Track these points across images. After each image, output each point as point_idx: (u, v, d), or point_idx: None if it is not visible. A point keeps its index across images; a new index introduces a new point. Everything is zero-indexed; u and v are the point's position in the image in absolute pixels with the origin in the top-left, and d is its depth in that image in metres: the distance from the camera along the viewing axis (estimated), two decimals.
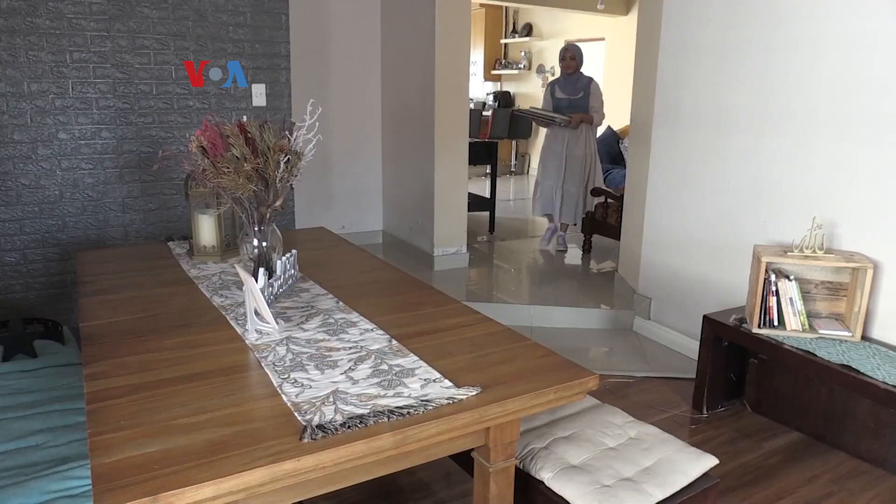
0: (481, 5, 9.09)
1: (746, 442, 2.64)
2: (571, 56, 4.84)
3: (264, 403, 1.31)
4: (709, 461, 1.65)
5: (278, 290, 1.90)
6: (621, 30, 7.86)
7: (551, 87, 5.04)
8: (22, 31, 3.08)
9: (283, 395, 1.33)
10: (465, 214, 4.89)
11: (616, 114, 7.55)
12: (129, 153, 3.42)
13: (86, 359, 1.50)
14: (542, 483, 1.58)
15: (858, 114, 2.56)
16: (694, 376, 2.92)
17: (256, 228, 1.88)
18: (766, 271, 2.56)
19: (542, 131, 5.35)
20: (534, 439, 1.71)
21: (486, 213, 5.92)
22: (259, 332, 1.65)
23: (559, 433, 1.74)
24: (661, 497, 1.52)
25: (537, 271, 4.93)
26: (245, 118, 1.86)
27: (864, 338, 2.54)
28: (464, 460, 1.66)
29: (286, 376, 1.42)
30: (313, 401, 1.31)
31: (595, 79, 4.91)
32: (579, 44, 5.32)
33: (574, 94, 4.85)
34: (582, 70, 4.91)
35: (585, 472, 1.57)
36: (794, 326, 2.56)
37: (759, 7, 2.87)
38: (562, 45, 8.01)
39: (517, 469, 1.58)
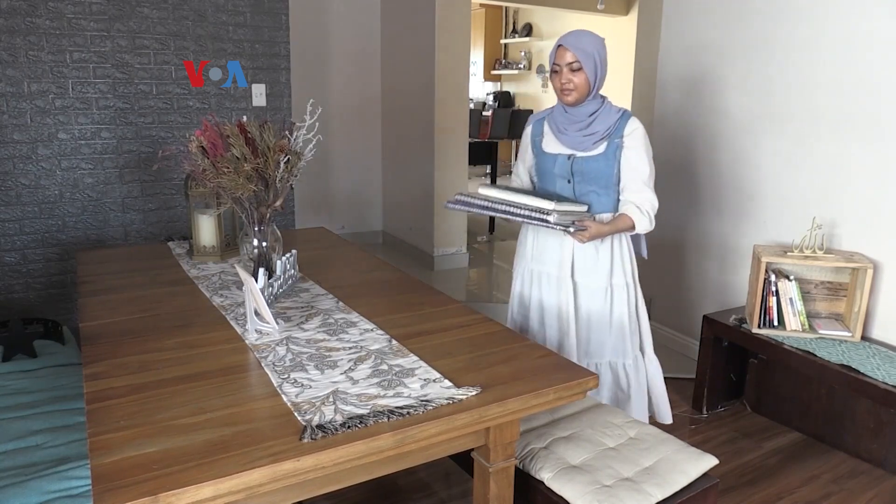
0: (481, 5, 9.08)
1: (746, 442, 2.64)
2: (572, 63, 2.02)
3: (264, 403, 1.31)
4: (709, 461, 1.65)
5: (278, 290, 1.90)
6: (621, 30, 7.85)
7: (536, 128, 2.25)
8: (22, 31, 3.07)
9: (282, 395, 1.33)
10: (466, 215, 4.89)
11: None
12: (129, 153, 3.42)
13: (86, 359, 1.50)
14: (542, 483, 1.58)
15: (858, 114, 2.56)
16: (694, 376, 2.92)
17: (256, 228, 1.88)
18: (766, 271, 2.56)
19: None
20: (534, 439, 1.71)
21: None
22: (259, 332, 1.65)
23: (559, 433, 1.74)
24: (660, 497, 1.52)
25: None
26: (245, 118, 1.86)
27: (864, 338, 2.54)
28: (464, 460, 1.66)
29: (286, 376, 1.42)
30: (313, 401, 1.31)
31: (633, 115, 2.12)
32: None
33: (584, 147, 2.10)
34: (604, 94, 2.14)
35: (585, 472, 1.57)
36: (794, 326, 2.56)
37: (759, 7, 2.87)
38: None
39: (517, 469, 1.58)
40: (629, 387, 2.26)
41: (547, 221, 1.92)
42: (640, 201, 2.10)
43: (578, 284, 2.20)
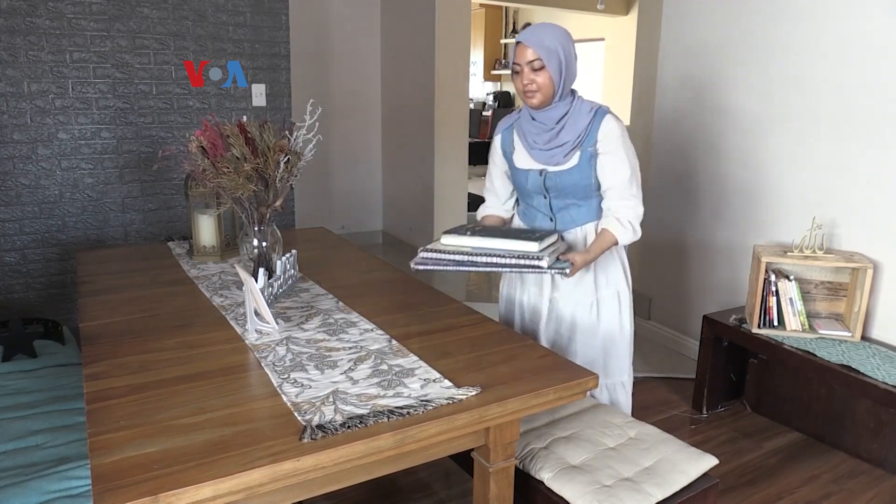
0: (481, 5, 9.09)
1: (746, 442, 2.64)
2: (533, 61, 1.82)
3: (264, 403, 1.31)
4: (709, 461, 1.65)
5: (278, 290, 1.90)
6: (621, 30, 7.86)
7: (506, 138, 2.07)
8: (22, 31, 3.08)
9: (282, 395, 1.33)
10: (466, 214, 4.89)
11: (616, 113, 7.55)
12: (129, 153, 3.42)
13: (86, 359, 1.50)
14: (542, 483, 1.58)
15: (858, 114, 2.56)
16: (694, 376, 2.92)
17: (256, 228, 1.88)
18: (766, 271, 2.56)
19: None
20: (534, 439, 1.71)
21: None
22: (259, 332, 1.65)
23: (559, 433, 1.74)
24: (660, 497, 1.52)
25: None
26: (245, 118, 1.86)
27: (864, 338, 2.54)
28: (464, 460, 1.66)
29: (286, 376, 1.41)
30: (313, 401, 1.31)
31: (612, 112, 1.94)
32: (578, 44, 4.85)
33: (555, 161, 1.93)
34: (576, 89, 1.95)
35: (585, 473, 1.57)
36: (793, 326, 2.56)
37: (759, 7, 2.87)
38: None
39: (517, 469, 1.58)
40: (632, 405, 2.16)
41: (539, 268, 1.69)
42: (620, 212, 1.91)
43: (563, 298, 2.06)
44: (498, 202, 2.17)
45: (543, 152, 1.94)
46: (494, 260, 1.72)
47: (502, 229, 1.93)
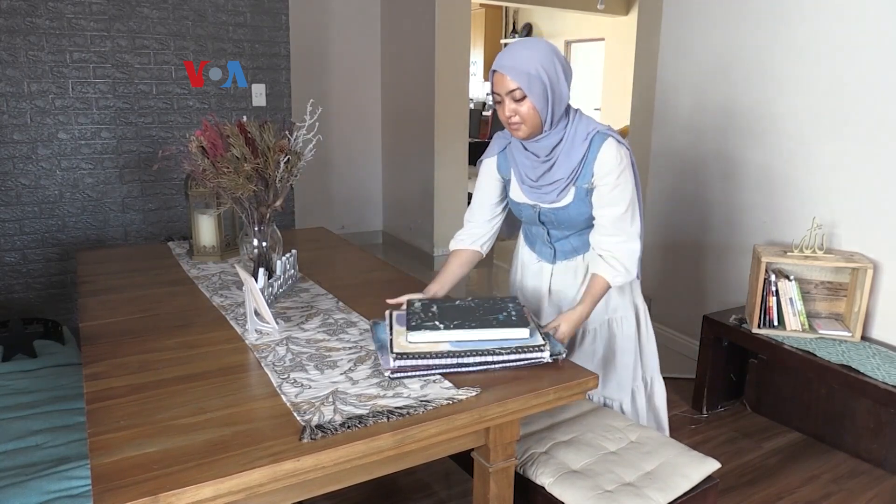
0: (481, 5, 9.08)
1: (746, 442, 2.64)
2: (513, 91, 1.59)
3: (264, 403, 1.31)
4: (711, 465, 1.64)
5: (278, 290, 1.90)
6: (621, 30, 7.85)
7: (501, 163, 1.86)
8: (22, 31, 3.07)
9: (282, 395, 1.33)
10: (465, 209, 4.89)
11: (616, 114, 7.55)
12: (129, 153, 3.42)
13: (86, 359, 1.50)
14: (543, 488, 1.57)
15: (858, 114, 2.56)
16: (694, 376, 2.92)
17: (256, 228, 1.88)
18: (766, 271, 2.56)
19: None
20: (534, 444, 1.70)
21: None
22: (259, 332, 1.65)
23: (559, 437, 1.73)
24: (663, 502, 1.51)
25: None
26: (245, 118, 1.86)
27: (864, 338, 2.54)
28: (464, 460, 1.66)
29: (286, 376, 1.41)
30: (313, 401, 1.31)
31: (612, 133, 1.68)
32: (578, 44, 4.69)
33: (549, 199, 1.75)
34: (572, 106, 1.71)
35: (586, 477, 1.56)
36: (793, 326, 2.56)
37: (759, 8, 2.87)
38: (561, 45, 7.09)
39: (517, 474, 1.58)
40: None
41: (540, 360, 1.47)
42: (607, 251, 1.72)
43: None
44: (477, 231, 1.93)
45: (535, 190, 1.76)
46: (489, 359, 1.45)
47: (470, 306, 1.62)
